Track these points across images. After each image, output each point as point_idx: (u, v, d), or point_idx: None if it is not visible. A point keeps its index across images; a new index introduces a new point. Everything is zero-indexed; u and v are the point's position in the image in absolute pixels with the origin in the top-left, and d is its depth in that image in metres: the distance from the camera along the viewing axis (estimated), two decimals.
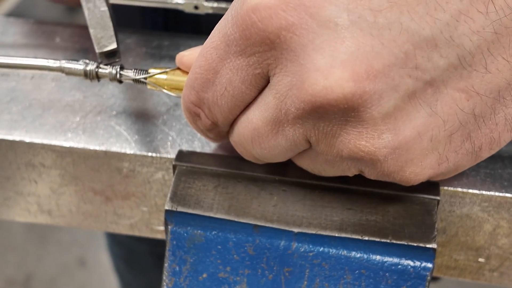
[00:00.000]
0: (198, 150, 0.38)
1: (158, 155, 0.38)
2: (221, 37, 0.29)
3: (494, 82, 0.28)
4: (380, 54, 0.26)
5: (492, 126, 0.29)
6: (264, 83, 0.30)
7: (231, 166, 0.36)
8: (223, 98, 0.31)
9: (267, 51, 0.28)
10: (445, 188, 0.35)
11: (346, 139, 0.28)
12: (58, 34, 0.48)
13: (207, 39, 0.31)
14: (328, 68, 0.26)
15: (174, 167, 0.36)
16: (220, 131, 0.34)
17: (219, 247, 0.33)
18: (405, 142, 0.28)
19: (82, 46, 0.46)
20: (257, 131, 0.31)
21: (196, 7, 0.45)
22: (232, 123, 0.32)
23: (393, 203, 0.34)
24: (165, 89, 0.36)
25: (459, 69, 0.27)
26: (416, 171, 0.29)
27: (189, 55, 0.35)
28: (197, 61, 0.31)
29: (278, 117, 0.29)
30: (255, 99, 0.31)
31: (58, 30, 0.48)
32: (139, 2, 0.47)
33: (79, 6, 0.41)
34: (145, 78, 0.36)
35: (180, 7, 0.46)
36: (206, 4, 0.45)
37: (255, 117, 0.30)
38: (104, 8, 0.39)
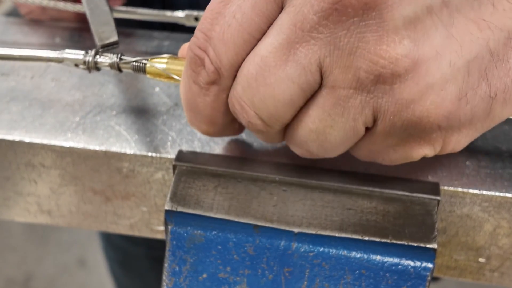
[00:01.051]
0: (198, 150, 0.38)
1: (158, 155, 0.38)
2: None
3: (502, 21, 0.28)
4: None
5: (506, 69, 0.29)
6: (275, 11, 0.29)
7: (231, 166, 0.36)
8: (230, 30, 0.30)
9: None
10: (445, 188, 0.35)
11: (365, 49, 0.28)
12: (58, 34, 0.48)
13: None
14: None
15: (174, 167, 0.36)
16: (222, 88, 0.32)
17: (219, 247, 0.33)
18: (425, 59, 0.28)
19: (82, 46, 0.46)
20: (264, 61, 0.30)
21: (196, 19, 0.45)
22: (236, 77, 0.31)
23: (393, 203, 0.34)
24: (167, 72, 0.35)
25: None
26: (437, 100, 0.29)
27: None
28: (209, 4, 0.31)
29: (291, 37, 0.29)
30: (264, 36, 0.30)
31: (58, 30, 0.48)
32: (139, 16, 0.47)
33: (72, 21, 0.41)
34: (145, 63, 0.36)
35: (180, 21, 0.46)
36: None
37: (264, 46, 0.30)
38: (106, 7, 0.39)
